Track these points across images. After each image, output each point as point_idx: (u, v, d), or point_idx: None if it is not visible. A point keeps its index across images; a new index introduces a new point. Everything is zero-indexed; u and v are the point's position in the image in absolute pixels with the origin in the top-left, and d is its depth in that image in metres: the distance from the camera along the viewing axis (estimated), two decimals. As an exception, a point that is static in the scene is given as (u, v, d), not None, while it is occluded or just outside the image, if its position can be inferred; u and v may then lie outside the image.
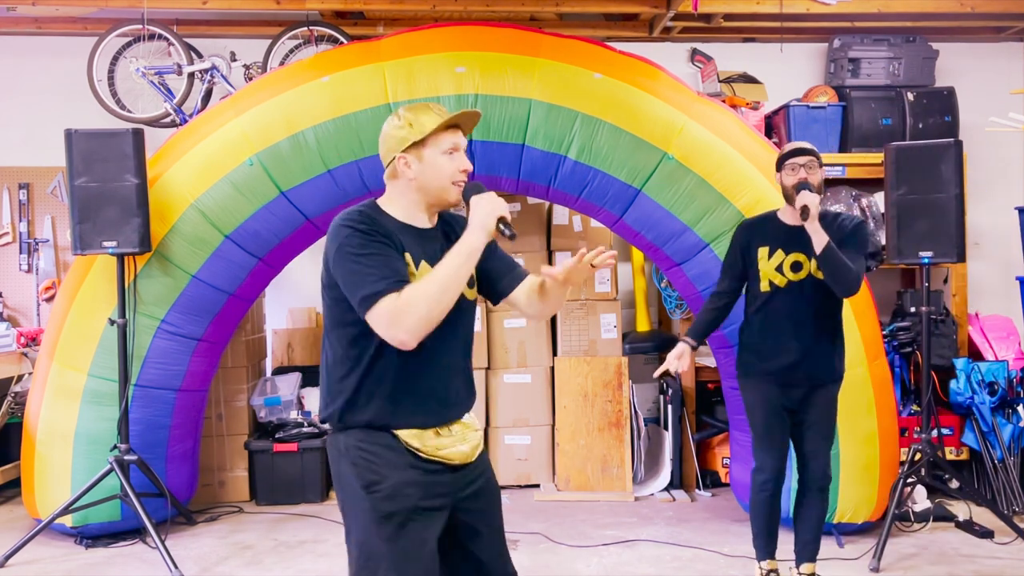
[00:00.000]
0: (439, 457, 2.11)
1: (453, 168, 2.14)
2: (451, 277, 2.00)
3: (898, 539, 4.13)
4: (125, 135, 4.05)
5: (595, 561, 3.97)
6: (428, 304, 1.97)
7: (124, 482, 3.98)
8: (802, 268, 3.29)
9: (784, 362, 3.31)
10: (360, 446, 2.08)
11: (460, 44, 4.22)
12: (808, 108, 5.46)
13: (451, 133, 2.16)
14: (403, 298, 1.96)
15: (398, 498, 2.04)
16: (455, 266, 2.01)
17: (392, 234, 2.08)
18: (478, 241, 2.05)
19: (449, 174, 2.14)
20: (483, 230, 2.06)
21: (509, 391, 5.18)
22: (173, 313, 4.18)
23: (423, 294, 1.97)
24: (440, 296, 1.98)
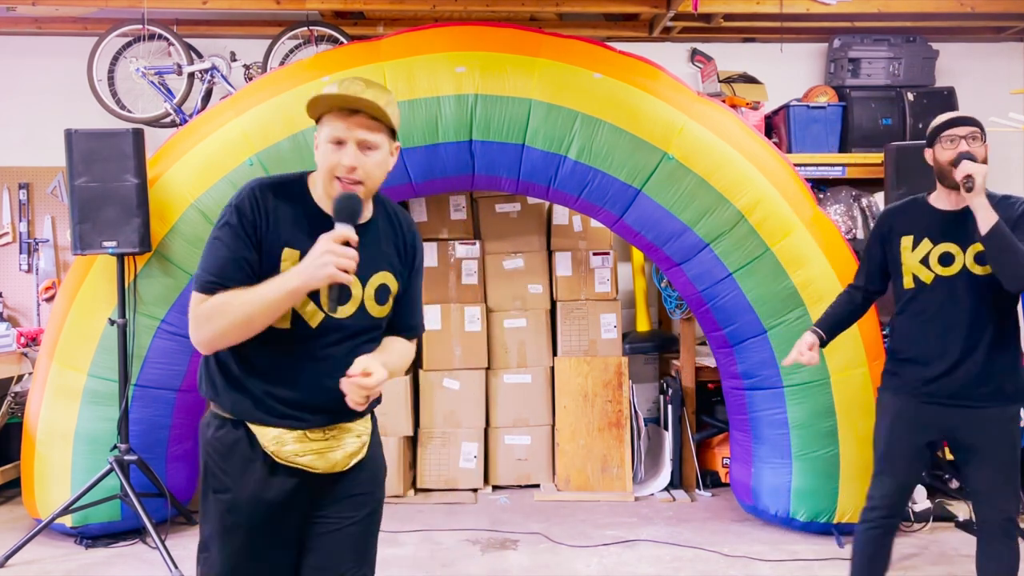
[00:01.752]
0: (297, 464, 1.90)
1: (335, 161, 1.84)
2: (261, 308, 1.78)
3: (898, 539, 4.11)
4: (125, 135, 4.05)
5: (595, 561, 3.97)
6: (225, 326, 1.79)
7: (124, 482, 3.98)
8: (953, 261, 2.73)
9: (928, 375, 2.77)
10: (214, 442, 1.92)
11: (460, 44, 4.23)
12: (808, 108, 5.46)
13: (341, 120, 1.84)
14: (205, 307, 1.81)
15: (242, 512, 1.89)
16: (268, 299, 1.77)
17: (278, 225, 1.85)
18: (299, 285, 1.76)
19: (330, 166, 1.85)
20: (306, 282, 1.76)
21: (509, 391, 5.18)
22: (173, 313, 4.17)
23: (224, 315, 1.79)
24: (244, 324, 1.79)
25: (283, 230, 1.85)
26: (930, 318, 2.76)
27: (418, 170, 4.22)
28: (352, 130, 1.83)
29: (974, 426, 2.74)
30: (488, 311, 5.26)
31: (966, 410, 2.74)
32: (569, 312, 5.25)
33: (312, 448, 1.90)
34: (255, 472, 1.89)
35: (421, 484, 5.01)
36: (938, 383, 2.75)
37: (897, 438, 2.84)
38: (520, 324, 5.24)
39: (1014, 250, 2.56)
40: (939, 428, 2.81)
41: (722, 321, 4.29)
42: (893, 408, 2.86)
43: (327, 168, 1.86)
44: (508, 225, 5.34)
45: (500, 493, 5.08)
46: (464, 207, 5.36)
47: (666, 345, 5.61)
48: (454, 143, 4.17)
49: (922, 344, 2.78)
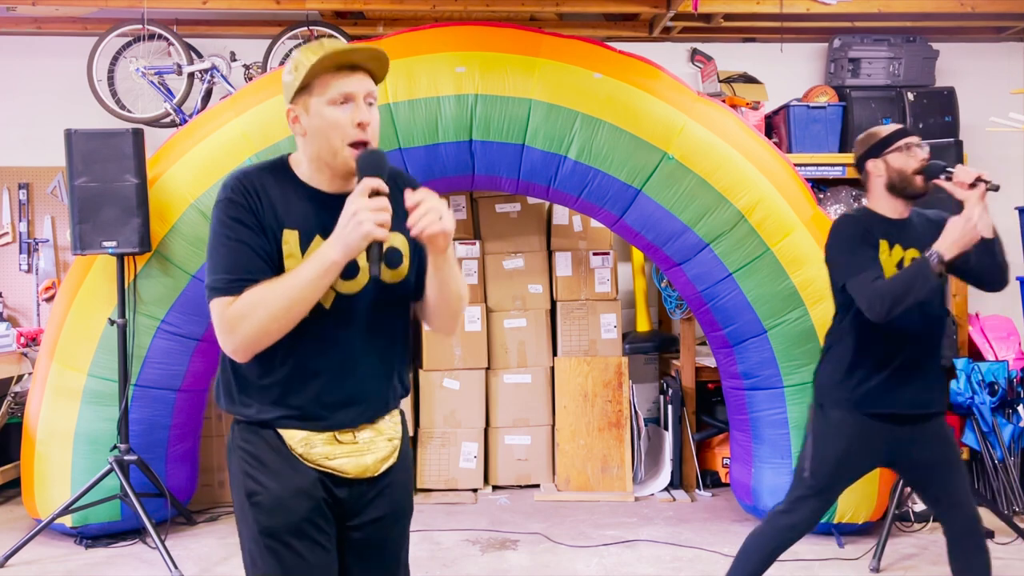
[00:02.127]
0: (327, 468, 1.79)
1: (345, 122, 1.71)
2: (302, 292, 1.66)
3: (898, 539, 4.13)
4: (125, 135, 4.05)
5: (595, 561, 3.96)
6: (266, 319, 1.66)
7: (124, 482, 3.98)
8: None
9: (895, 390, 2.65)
10: (244, 446, 1.81)
11: (460, 44, 4.22)
12: (808, 108, 5.46)
13: (343, 76, 1.71)
14: (236, 307, 1.67)
15: (280, 512, 1.76)
16: (308, 280, 1.65)
17: (273, 207, 1.74)
18: (339, 256, 1.63)
19: (338, 130, 1.71)
20: (345, 247, 1.63)
21: (509, 391, 5.18)
22: (173, 313, 4.17)
23: (262, 307, 1.66)
24: (285, 313, 1.66)
25: (278, 211, 1.75)
26: (900, 326, 2.62)
27: (418, 170, 4.22)
28: (356, 83, 1.72)
29: (926, 436, 2.69)
30: (488, 311, 5.26)
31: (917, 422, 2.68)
32: (569, 312, 5.25)
33: (342, 451, 1.80)
34: (287, 473, 1.78)
35: (421, 484, 5.01)
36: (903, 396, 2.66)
37: (845, 466, 2.74)
38: (520, 324, 5.24)
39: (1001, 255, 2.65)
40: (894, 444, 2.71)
41: (722, 321, 4.29)
42: (846, 431, 2.70)
43: (335, 129, 1.71)
44: (508, 225, 5.34)
45: (500, 493, 5.08)
46: (464, 207, 5.36)
47: (666, 345, 5.61)
48: (454, 143, 4.17)
49: (890, 354, 2.66)
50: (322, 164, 1.77)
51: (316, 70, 1.70)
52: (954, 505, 2.72)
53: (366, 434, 1.82)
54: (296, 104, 1.76)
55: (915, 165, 2.68)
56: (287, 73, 1.77)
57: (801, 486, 2.78)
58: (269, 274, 1.71)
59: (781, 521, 2.81)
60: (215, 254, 1.74)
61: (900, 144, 2.70)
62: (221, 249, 1.73)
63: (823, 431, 2.76)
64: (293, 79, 1.74)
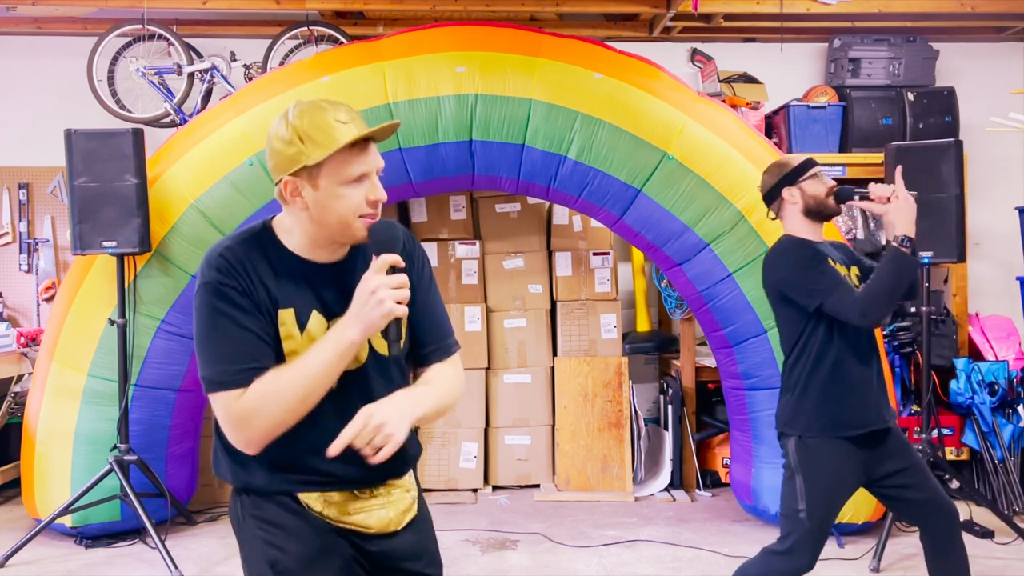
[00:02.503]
0: (349, 524, 1.70)
1: (359, 200, 1.61)
2: (320, 378, 1.56)
3: (898, 539, 4.13)
4: (125, 135, 4.05)
5: (595, 561, 3.96)
6: (281, 411, 1.55)
7: (124, 482, 3.98)
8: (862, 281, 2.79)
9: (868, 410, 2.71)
10: (258, 514, 1.69)
11: (460, 44, 4.22)
12: (808, 108, 5.46)
13: (359, 154, 1.60)
14: (247, 400, 1.55)
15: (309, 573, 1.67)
16: (326, 364, 1.55)
17: (264, 284, 1.62)
18: (358, 336, 1.55)
19: (354, 208, 1.61)
20: (366, 327, 1.55)
21: (509, 391, 5.18)
22: (173, 313, 4.17)
23: (277, 398, 1.55)
24: (301, 403, 1.56)
25: (271, 290, 1.63)
26: (861, 347, 2.72)
27: (418, 170, 4.22)
28: (372, 160, 1.63)
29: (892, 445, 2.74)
30: (488, 311, 5.26)
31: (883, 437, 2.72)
32: (569, 312, 5.25)
33: (362, 506, 1.71)
34: (309, 534, 1.68)
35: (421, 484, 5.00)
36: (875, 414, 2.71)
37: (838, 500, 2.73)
38: (520, 324, 5.24)
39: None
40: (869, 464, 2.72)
41: (722, 321, 4.29)
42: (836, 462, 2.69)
43: (351, 211, 1.60)
44: (508, 225, 5.34)
45: (500, 493, 5.08)
46: (464, 207, 5.36)
47: (666, 345, 5.61)
48: (454, 143, 4.17)
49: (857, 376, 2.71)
50: (323, 238, 1.66)
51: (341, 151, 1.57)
52: (931, 503, 2.73)
53: (384, 489, 1.75)
54: (299, 177, 1.60)
55: (826, 190, 2.79)
56: (283, 142, 1.60)
57: (799, 529, 2.70)
58: (273, 359, 1.61)
59: (780, 564, 2.72)
60: (211, 344, 1.59)
61: (811, 172, 2.81)
62: (218, 338, 1.59)
63: (811, 468, 2.72)
64: (297, 152, 1.58)
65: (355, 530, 1.72)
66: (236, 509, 1.74)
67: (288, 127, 1.60)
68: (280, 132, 1.62)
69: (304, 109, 1.60)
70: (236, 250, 1.63)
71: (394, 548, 1.76)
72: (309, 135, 1.58)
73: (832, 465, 2.70)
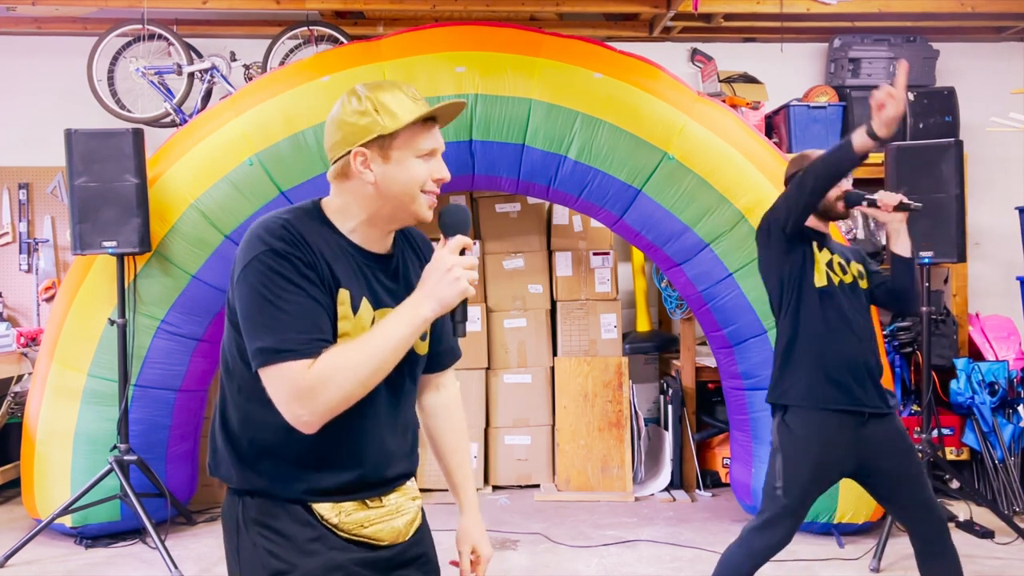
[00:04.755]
0: (363, 536, 1.65)
1: (426, 175, 1.63)
2: (391, 353, 1.51)
3: (898, 539, 4.13)
4: (125, 135, 4.05)
5: (595, 561, 3.96)
6: (352, 384, 1.50)
7: (124, 482, 3.98)
8: (846, 271, 2.86)
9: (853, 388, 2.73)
10: (264, 520, 1.61)
11: (460, 44, 4.22)
12: (808, 108, 5.46)
13: (429, 130, 1.63)
14: (318, 370, 1.49)
15: None
16: (398, 339, 1.51)
17: (325, 260, 1.58)
18: (431, 313, 1.52)
19: (420, 181, 1.62)
20: (440, 305, 1.52)
21: (509, 391, 5.18)
22: (173, 313, 4.17)
23: (348, 371, 1.49)
24: (371, 377, 1.51)
25: (333, 266, 1.58)
26: (837, 322, 2.78)
27: (418, 170, 4.21)
28: (438, 139, 1.65)
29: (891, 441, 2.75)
30: (488, 311, 5.26)
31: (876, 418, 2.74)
32: (569, 312, 5.25)
33: (375, 516, 1.67)
34: (318, 549, 1.61)
35: (421, 484, 4.98)
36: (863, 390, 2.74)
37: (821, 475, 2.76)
38: (520, 324, 5.24)
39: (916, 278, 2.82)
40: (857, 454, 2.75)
41: (722, 321, 4.29)
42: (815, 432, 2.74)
43: (418, 183, 1.61)
44: (508, 225, 5.34)
45: (500, 493, 5.08)
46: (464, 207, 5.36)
47: (666, 345, 5.61)
48: (454, 143, 4.17)
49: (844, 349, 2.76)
50: (384, 217, 1.64)
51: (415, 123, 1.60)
52: (921, 510, 2.74)
53: (392, 497, 1.70)
54: (370, 148, 1.59)
55: (837, 193, 2.83)
56: (357, 113, 1.59)
57: (775, 505, 2.76)
58: (333, 337, 1.56)
59: (756, 542, 2.78)
60: (276, 312, 1.51)
61: None
62: (286, 306, 1.51)
63: (790, 445, 2.78)
64: (371, 122, 1.58)
65: (366, 542, 1.67)
66: (236, 512, 1.64)
67: (362, 99, 1.60)
68: (352, 106, 1.60)
69: (377, 84, 1.62)
70: (296, 224, 1.58)
71: (399, 557, 1.73)
72: (385, 106, 1.58)
73: (813, 443, 2.74)
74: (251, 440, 1.61)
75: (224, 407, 1.65)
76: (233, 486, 1.66)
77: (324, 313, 1.54)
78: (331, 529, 1.62)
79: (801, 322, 2.81)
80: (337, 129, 1.62)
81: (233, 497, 1.66)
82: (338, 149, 1.62)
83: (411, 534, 1.73)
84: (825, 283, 2.81)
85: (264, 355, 1.50)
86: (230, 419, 1.64)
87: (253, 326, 1.52)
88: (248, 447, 1.61)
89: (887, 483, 2.77)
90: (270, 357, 1.49)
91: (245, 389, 1.60)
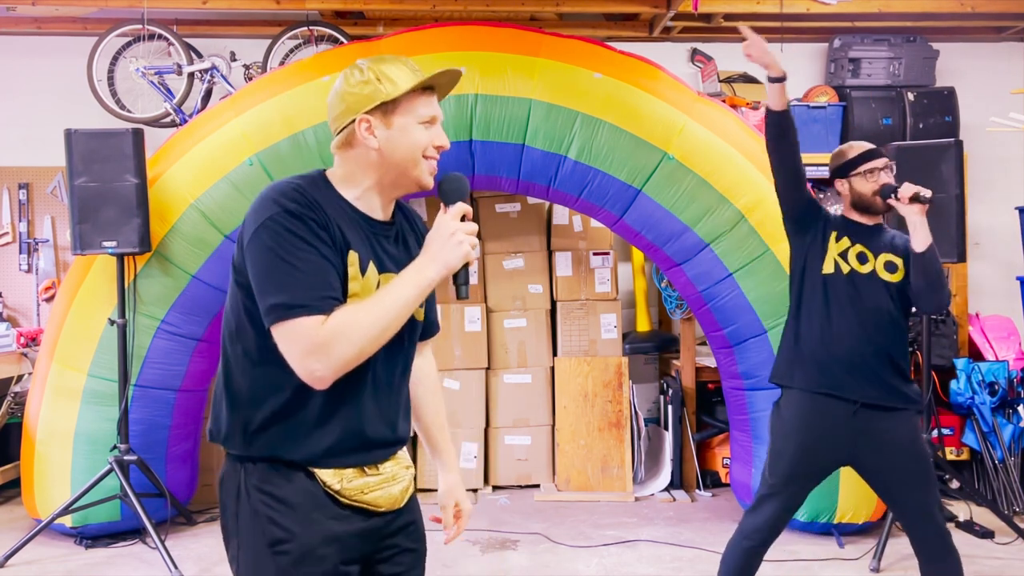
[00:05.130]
0: (363, 503, 1.68)
1: (427, 141, 1.70)
2: (400, 312, 1.57)
3: (898, 539, 4.13)
4: (125, 135, 4.05)
5: (595, 561, 3.96)
6: (364, 340, 1.55)
7: (124, 482, 3.98)
8: (867, 261, 2.82)
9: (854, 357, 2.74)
10: (264, 488, 1.64)
11: (460, 44, 4.22)
12: (808, 108, 5.46)
13: (428, 97, 1.72)
14: (332, 325, 1.53)
15: (310, 561, 1.62)
16: (406, 299, 1.57)
17: (336, 223, 1.63)
18: (436, 275, 1.59)
19: (422, 146, 1.69)
20: (445, 267, 1.60)
21: (509, 391, 5.18)
22: (173, 313, 4.17)
23: (361, 327, 1.54)
24: (381, 334, 1.57)
25: (344, 229, 1.65)
26: (844, 307, 2.80)
27: (418, 170, 4.21)
28: (437, 107, 1.74)
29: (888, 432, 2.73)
30: (488, 311, 5.26)
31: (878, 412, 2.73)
32: (569, 312, 5.25)
33: (375, 482, 1.71)
34: (319, 518, 1.65)
35: (421, 484, 5.01)
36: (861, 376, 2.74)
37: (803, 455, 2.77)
38: (520, 324, 5.24)
39: (942, 272, 2.73)
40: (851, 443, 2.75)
41: (722, 321, 4.29)
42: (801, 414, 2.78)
43: (420, 148, 1.69)
44: (508, 225, 5.34)
45: (500, 493, 5.08)
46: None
47: (666, 345, 5.61)
48: (454, 143, 4.17)
49: (843, 335, 2.78)
50: (387, 182, 1.71)
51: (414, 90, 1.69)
52: (920, 518, 2.73)
53: (388, 465, 1.74)
54: (373, 115, 1.66)
55: (874, 187, 2.86)
56: (360, 83, 1.67)
57: (763, 487, 2.83)
58: (344, 296, 1.61)
59: (745, 522, 2.84)
60: (290, 268, 1.55)
61: (862, 170, 2.88)
62: (300, 264, 1.55)
63: (777, 425, 2.85)
64: (373, 90, 1.66)
65: (365, 509, 1.71)
66: (238, 479, 1.67)
67: (364, 71, 1.68)
68: (356, 77, 1.69)
69: (378, 58, 1.71)
70: (303, 187, 1.64)
71: (390, 526, 1.77)
72: (386, 75, 1.67)
73: (796, 424, 2.78)
74: (258, 404, 1.64)
75: (228, 375, 1.68)
76: (236, 452, 1.68)
77: (335, 272, 1.60)
78: (333, 496, 1.65)
79: (802, 305, 2.87)
80: (341, 100, 1.69)
81: (235, 464, 1.69)
82: (343, 119, 1.69)
83: (405, 501, 1.79)
84: (832, 271, 2.83)
85: (278, 311, 1.54)
86: (236, 385, 1.66)
87: (266, 284, 1.56)
88: (254, 412, 1.64)
89: (885, 481, 2.78)
90: (284, 313, 1.53)
91: (253, 353, 1.64)
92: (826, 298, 2.82)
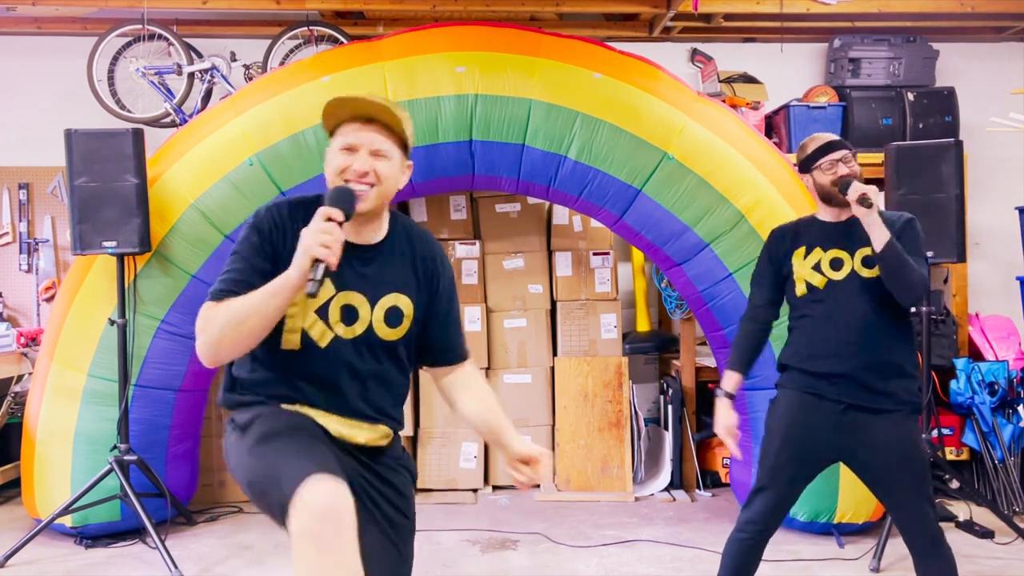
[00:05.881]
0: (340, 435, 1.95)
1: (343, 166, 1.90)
2: (249, 310, 1.79)
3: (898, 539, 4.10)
4: (125, 135, 4.05)
5: (595, 561, 3.96)
6: (220, 331, 1.81)
7: (124, 482, 3.98)
8: (843, 265, 2.80)
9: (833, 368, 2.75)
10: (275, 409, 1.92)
11: (460, 44, 4.22)
12: (808, 108, 5.46)
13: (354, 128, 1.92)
14: (211, 313, 1.83)
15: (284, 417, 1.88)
16: (264, 293, 1.79)
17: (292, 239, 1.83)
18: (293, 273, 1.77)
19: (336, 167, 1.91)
20: (296, 262, 1.77)
21: (509, 391, 5.18)
22: (173, 313, 4.17)
23: (222, 318, 1.81)
24: (234, 328, 1.80)
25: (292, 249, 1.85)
26: (823, 320, 2.80)
27: (418, 170, 4.22)
28: (366, 137, 1.90)
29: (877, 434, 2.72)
30: (488, 311, 5.26)
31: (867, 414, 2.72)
32: (569, 312, 5.25)
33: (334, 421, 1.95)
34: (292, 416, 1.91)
35: (421, 484, 5.01)
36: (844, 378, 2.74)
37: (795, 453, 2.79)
38: (520, 324, 5.24)
39: (907, 265, 2.66)
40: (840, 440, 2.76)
41: (722, 321, 4.29)
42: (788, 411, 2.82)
43: (336, 168, 1.90)
44: (508, 225, 5.34)
45: (500, 493, 5.08)
46: (464, 207, 5.36)
47: (666, 345, 5.61)
48: (454, 143, 4.17)
49: (822, 345, 2.78)
50: None
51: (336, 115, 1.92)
52: (911, 521, 2.73)
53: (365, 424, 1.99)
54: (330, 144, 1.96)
55: (833, 179, 2.83)
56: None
57: (756, 479, 2.90)
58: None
59: (741, 516, 2.88)
60: (229, 263, 1.90)
61: (821, 163, 2.85)
62: (234, 259, 1.90)
63: (769, 420, 2.90)
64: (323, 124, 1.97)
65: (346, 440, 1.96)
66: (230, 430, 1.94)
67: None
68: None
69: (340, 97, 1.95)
70: (283, 208, 1.93)
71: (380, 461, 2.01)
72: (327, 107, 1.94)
73: (783, 420, 2.83)
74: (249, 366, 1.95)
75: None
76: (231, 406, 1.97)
77: (251, 273, 1.86)
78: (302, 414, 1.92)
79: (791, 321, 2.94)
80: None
81: (230, 424, 1.95)
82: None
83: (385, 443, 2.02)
84: (805, 291, 2.85)
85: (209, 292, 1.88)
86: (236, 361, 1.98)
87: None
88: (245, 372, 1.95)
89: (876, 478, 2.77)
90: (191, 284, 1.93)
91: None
92: (807, 317, 2.84)
